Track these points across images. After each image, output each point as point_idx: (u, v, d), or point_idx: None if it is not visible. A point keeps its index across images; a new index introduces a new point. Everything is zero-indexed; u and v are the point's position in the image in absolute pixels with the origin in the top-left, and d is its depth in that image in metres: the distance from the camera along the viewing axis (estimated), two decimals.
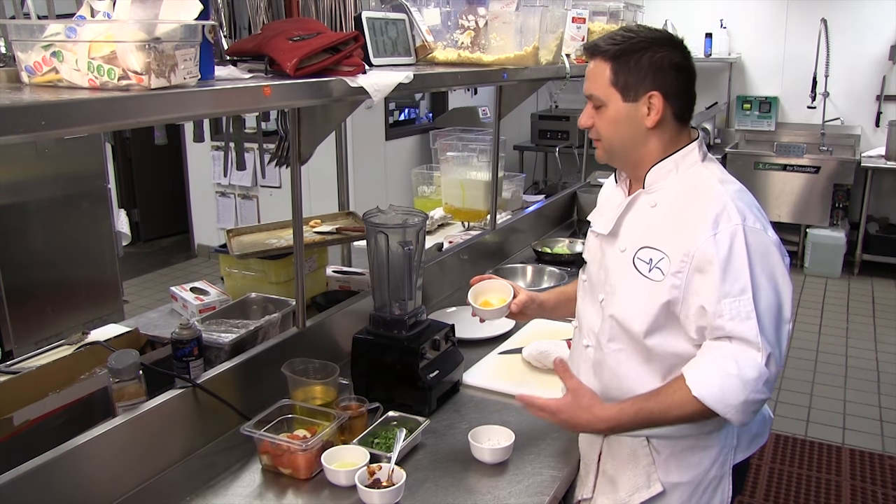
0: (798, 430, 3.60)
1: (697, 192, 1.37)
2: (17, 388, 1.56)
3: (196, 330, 1.67)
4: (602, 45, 1.39)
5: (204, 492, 1.46)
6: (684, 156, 1.41)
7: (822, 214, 5.85)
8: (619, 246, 1.43)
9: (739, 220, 1.30)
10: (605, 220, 1.48)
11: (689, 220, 1.33)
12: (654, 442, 1.42)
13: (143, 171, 6.22)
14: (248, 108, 1.44)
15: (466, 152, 3.40)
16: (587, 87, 1.43)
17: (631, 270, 1.39)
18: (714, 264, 1.28)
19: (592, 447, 1.52)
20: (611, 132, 1.42)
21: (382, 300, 1.79)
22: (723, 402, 1.26)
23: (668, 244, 1.34)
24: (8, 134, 0.88)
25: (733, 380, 1.26)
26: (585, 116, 1.45)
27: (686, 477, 1.41)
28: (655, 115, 1.37)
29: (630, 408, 1.34)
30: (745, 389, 1.26)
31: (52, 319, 3.05)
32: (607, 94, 1.39)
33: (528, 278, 2.63)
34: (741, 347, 1.27)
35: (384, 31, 1.77)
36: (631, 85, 1.37)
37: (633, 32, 1.40)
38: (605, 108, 1.40)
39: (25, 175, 2.99)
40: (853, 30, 5.99)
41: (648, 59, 1.36)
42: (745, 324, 1.27)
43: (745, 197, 1.37)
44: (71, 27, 1.05)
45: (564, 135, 6.48)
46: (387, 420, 1.65)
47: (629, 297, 1.39)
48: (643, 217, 1.42)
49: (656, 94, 1.36)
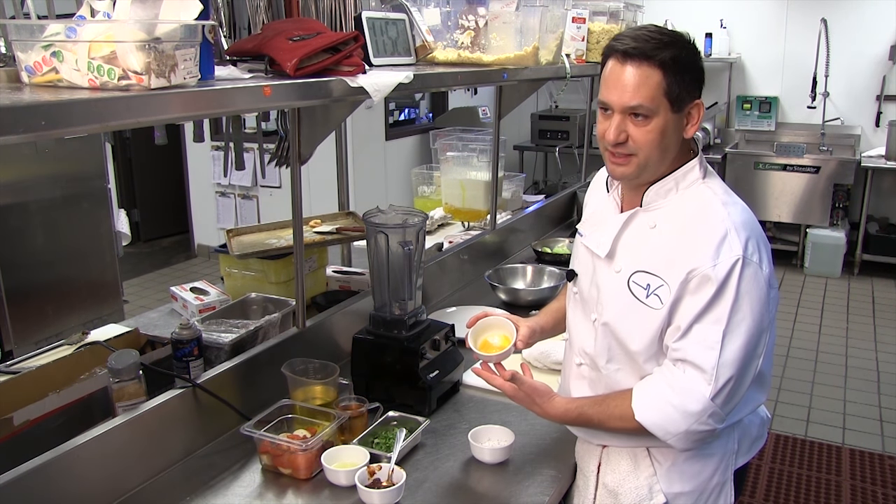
0: (798, 430, 3.60)
1: (699, 215, 1.30)
2: (17, 388, 1.56)
3: (196, 330, 1.67)
4: (648, 49, 1.24)
5: (204, 492, 1.46)
6: (685, 174, 1.34)
7: (822, 214, 5.85)
8: (614, 267, 1.38)
9: (740, 252, 1.24)
10: (601, 239, 1.41)
11: (690, 246, 1.27)
12: (654, 452, 1.40)
13: (143, 171, 6.22)
14: (248, 108, 1.44)
15: (466, 152, 3.40)
16: (627, 98, 1.26)
17: (626, 294, 1.34)
18: (705, 292, 1.24)
19: (590, 458, 1.49)
20: (653, 147, 1.28)
21: (382, 300, 1.79)
22: (663, 430, 1.29)
23: (668, 272, 1.29)
24: (8, 134, 0.88)
25: (676, 412, 1.27)
26: (617, 130, 1.28)
27: (689, 486, 1.40)
28: (695, 124, 1.31)
29: (574, 411, 1.41)
30: (686, 421, 1.27)
31: (52, 319, 3.05)
32: (658, 105, 1.26)
33: (528, 278, 2.63)
34: (692, 377, 1.26)
35: (384, 31, 1.77)
36: (682, 95, 1.27)
37: (663, 34, 1.27)
38: (650, 120, 1.27)
39: (25, 175, 3.00)
40: (853, 30, 5.99)
41: (694, 66, 1.28)
42: (706, 353, 1.25)
43: (747, 220, 1.30)
44: (71, 27, 1.05)
45: (564, 135, 6.48)
46: (387, 420, 1.65)
47: (625, 320, 1.35)
48: (641, 238, 1.35)
49: (700, 102, 1.30)
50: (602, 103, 1.31)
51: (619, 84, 1.27)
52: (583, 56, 2.71)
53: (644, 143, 1.28)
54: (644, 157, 1.30)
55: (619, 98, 1.27)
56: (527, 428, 1.68)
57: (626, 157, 1.31)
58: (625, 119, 1.28)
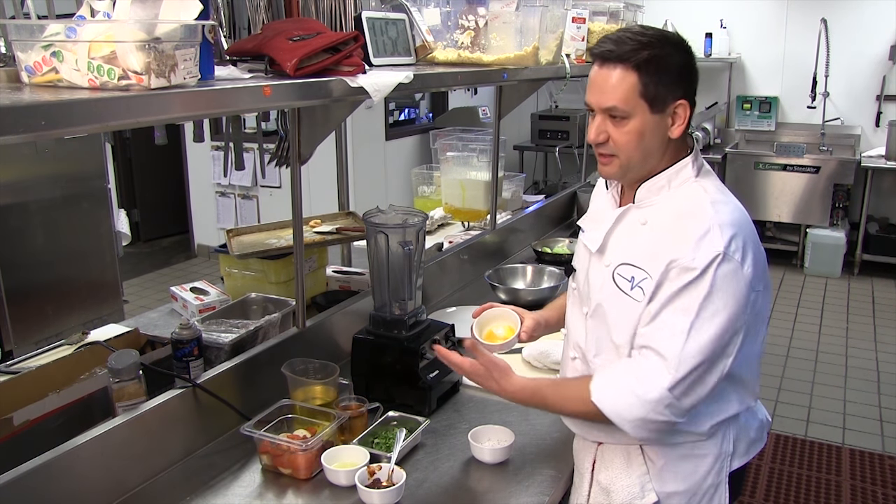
0: (798, 430, 3.60)
1: (687, 213, 1.30)
2: (17, 388, 1.56)
3: (196, 330, 1.67)
4: (624, 52, 1.25)
5: (204, 492, 1.46)
6: (678, 171, 1.35)
7: (822, 214, 5.85)
8: (604, 261, 1.39)
9: (721, 248, 1.23)
10: (594, 235, 1.43)
11: (673, 241, 1.27)
12: (647, 450, 1.40)
13: (143, 171, 6.22)
14: (248, 108, 1.44)
15: (466, 152, 3.41)
16: (604, 99, 1.28)
17: (611, 286, 1.35)
18: (679, 280, 1.24)
19: (586, 455, 1.48)
20: (632, 147, 1.30)
21: (382, 300, 1.79)
22: (618, 415, 1.28)
23: (651, 263, 1.29)
24: (8, 134, 0.88)
25: (632, 397, 1.27)
26: (596, 131, 1.31)
27: (681, 486, 1.39)
28: (682, 124, 1.30)
29: (530, 389, 1.41)
30: (643, 408, 1.26)
31: (52, 319, 3.06)
32: (633, 106, 1.27)
33: (528, 278, 2.63)
34: (653, 364, 1.26)
35: (384, 31, 1.77)
36: (661, 95, 1.27)
37: (644, 35, 1.28)
38: (628, 121, 1.28)
39: (25, 175, 3.00)
40: (853, 30, 5.99)
41: (676, 66, 1.28)
42: (670, 340, 1.24)
43: (736, 219, 1.29)
44: (71, 27, 1.05)
45: (564, 135, 6.48)
46: (387, 420, 1.65)
47: (610, 312, 1.36)
48: (631, 233, 1.37)
49: (684, 102, 1.29)
50: (586, 104, 1.35)
51: (596, 86, 1.30)
52: (583, 56, 2.71)
53: (623, 144, 1.30)
54: (625, 157, 1.32)
55: (598, 100, 1.30)
56: (527, 428, 1.68)
57: (610, 158, 1.34)
58: (605, 120, 1.31)
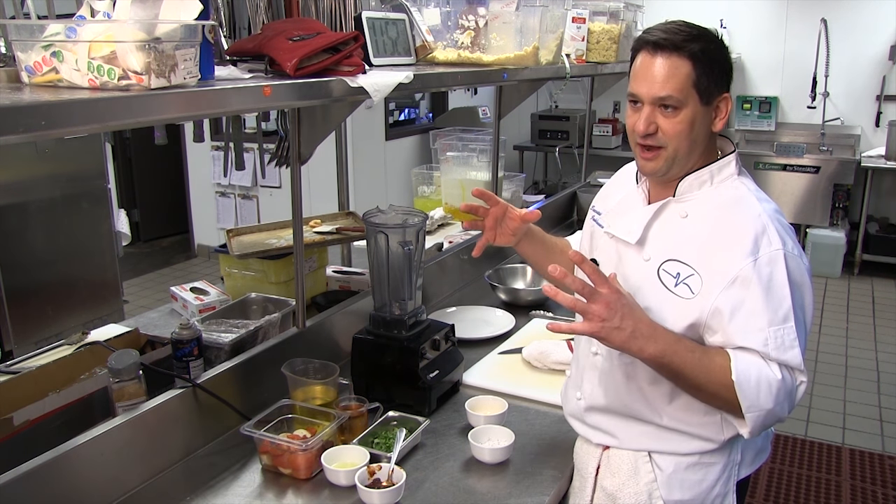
0: (798, 430, 3.60)
1: (734, 208, 1.30)
2: (17, 388, 1.56)
3: (196, 330, 1.67)
4: (678, 41, 1.26)
5: (204, 492, 1.46)
6: (721, 167, 1.34)
7: (822, 214, 5.85)
8: (643, 255, 1.35)
9: (780, 246, 1.24)
10: (630, 226, 1.38)
11: (726, 240, 1.27)
12: (656, 458, 1.38)
13: (143, 171, 6.22)
14: (248, 108, 1.44)
15: (466, 152, 3.40)
16: (657, 88, 1.27)
17: (655, 282, 1.32)
18: (754, 287, 1.23)
19: (589, 459, 1.47)
20: (682, 138, 1.29)
21: (382, 300, 1.79)
22: (752, 401, 1.22)
23: (700, 261, 1.28)
24: (8, 134, 0.88)
25: (772, 386, 1.23)
26: (646, 121, 1.29)
27: (689, 495, 1.37)
28: (723, 118, 1.31)
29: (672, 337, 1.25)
30: (776, 399, 1.23)
31: (52, 319, 3.06)
32: (687, 95, 1.26)
33: (528, 278, 2.63)
34: (783, 370, 1.25)
35: (384, 31, 1.77)
36: (710, 87, 1.28)
37: (691, 27, 1.29)
38: (679, 112, 1.27)
39: (25, 175, 3.00)
40: (853, 30, 5.99)
41: (722, 59, 1.29)
42: (790, 352, 1.23)
43: (781, 218, 1.31)
44: (71, 27, 1.05)
45: (564, 135, 6.49)
46: (387, 420, 1.65)
47: (651, 309, 1.30)
48: (672, 227, 1.34)
49: (727, 96, 1.31)
50: (632, 96, 1.32)
51: (649, 75, 1.28)
52: (583, 56, 2.71)
53: (673, 135, 1.28)
54: (673, 149, 1.30)
55: (649, 89, 1.28)
56: (527, 428, 1.68)
57: (656, 151, 1.31)
58: (654, 111, 1.29)
